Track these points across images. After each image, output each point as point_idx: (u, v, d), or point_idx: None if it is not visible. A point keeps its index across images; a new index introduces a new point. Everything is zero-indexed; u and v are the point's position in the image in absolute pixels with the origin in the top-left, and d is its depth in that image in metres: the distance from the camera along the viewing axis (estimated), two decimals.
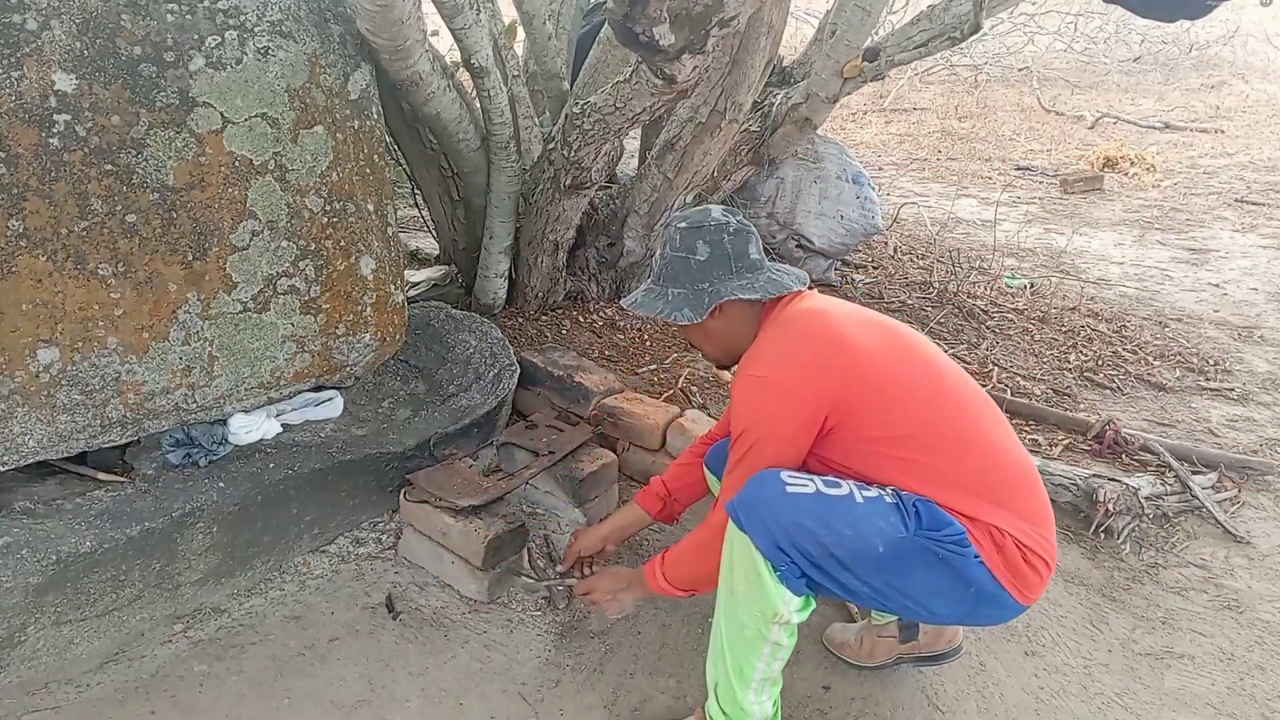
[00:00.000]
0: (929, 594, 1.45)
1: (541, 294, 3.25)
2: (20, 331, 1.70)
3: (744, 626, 1.51)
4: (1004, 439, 1.55)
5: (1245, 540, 2.47)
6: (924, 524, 1.43)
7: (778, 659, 1.53)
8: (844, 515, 1.42)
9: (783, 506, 1.43)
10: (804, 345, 1.54)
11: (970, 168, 7.26)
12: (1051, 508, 1.56)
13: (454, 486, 2.04)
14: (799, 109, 3.32)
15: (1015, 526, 1.45)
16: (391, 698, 1.73)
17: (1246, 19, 11.13)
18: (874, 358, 1.52)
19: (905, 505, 1.45)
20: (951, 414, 1.51)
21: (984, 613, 1.50)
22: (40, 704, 1.62)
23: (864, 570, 1.43)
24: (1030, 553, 1.45)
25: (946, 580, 1.44)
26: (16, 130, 1.65)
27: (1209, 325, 4.14)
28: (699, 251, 1.63)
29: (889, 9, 6.63)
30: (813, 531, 1.42)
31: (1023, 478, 1.52)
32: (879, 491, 1.48)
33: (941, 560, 1.42)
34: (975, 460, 1.49)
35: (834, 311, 1.60)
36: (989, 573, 1.43)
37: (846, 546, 1.41)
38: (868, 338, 1.55)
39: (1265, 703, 1.90)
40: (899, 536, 1.42)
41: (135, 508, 1.80)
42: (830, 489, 1.45)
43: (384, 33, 2.09)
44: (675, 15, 2.06)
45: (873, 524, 1.42)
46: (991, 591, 1.44)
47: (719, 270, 1.62)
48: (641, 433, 2.43)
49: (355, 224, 2.16)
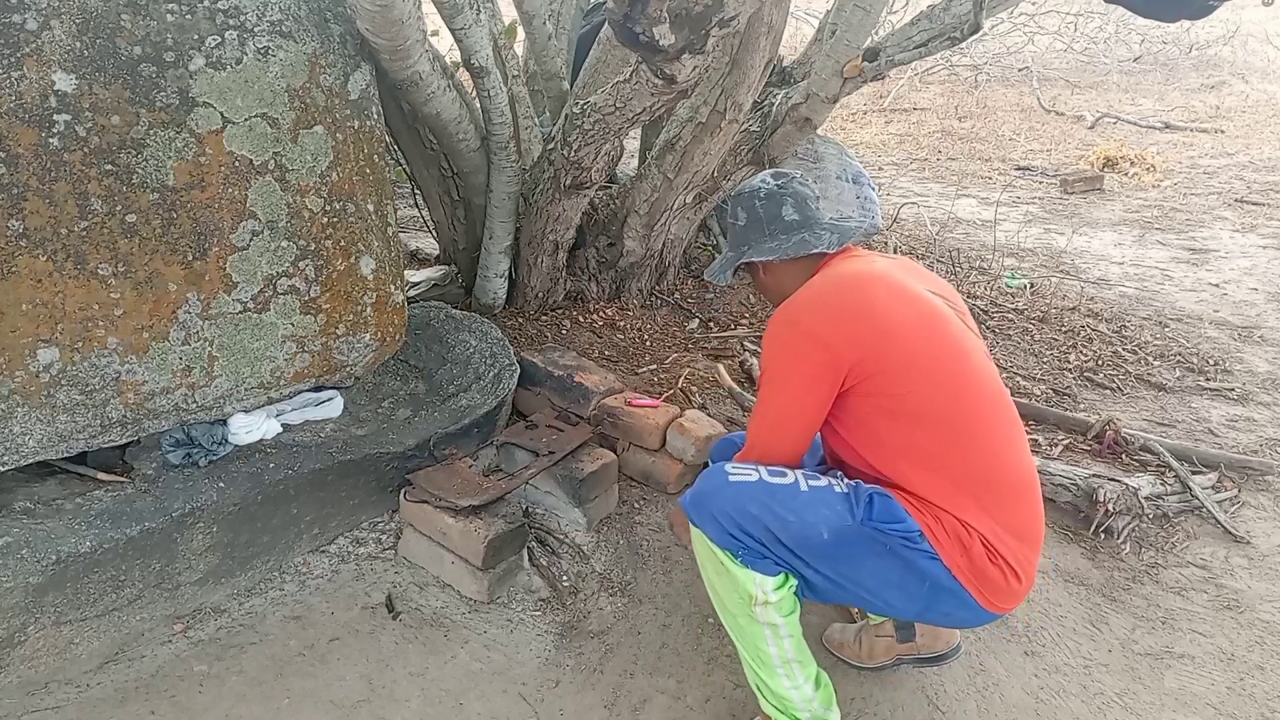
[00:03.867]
0: (881, 585, 1.47)
1: (541, 294, 3.25)
2: (20, 331, 1.70)
3: (735, 616, 1.55)
4: (1010, 445, 1.54)
5: (1245, 540, 2.47)
6: (874, 515, 1.44)
7: (785, 638, 1.53)
8: (787, 502, 1.46)
9: (726, 495, 1.48)
10: (835, 299, 1.57)
11: (970, 168, 7.26)
12: (1043, 527, 1.54)
13: (454, 486, 2.04)
14: (799, 109, 3.31)
15: (989, 529, 1.44)
16: (391, 698, 1.73)
17: (1246, 19, 11.13)
18: (902, 330, 1.51)
19: (857, 495, 1.47)
20: (965, 406, 1.51)
21: (943, 609, 1.49)
22: (40, 704, 1.62)
23: (812, 557, 1.46)
24: (998, 556, 1.44)
25: (896, 572, 1.45)
26: (16, 130, 1.65)
27: (1209, 325, 4.14)
28: (739, 218, 1.78)
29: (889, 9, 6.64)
30: (757, 517, 1.45)
31: (1018, 487, 1.51)
32: (829, 481, 1.50)
33: (890, 551, 1.44)
34: (973, 456, 1.48)
35: (878, 277, 1.59)
36: (945, 569, 1.43)
37: (791, 532, 1.44)
38: (903, 310, 1.53)
39: (1265, 703, 1.90)
40: (844, 524, 1.44)
41: (135, 508, 1.80)
42: (774, 477, 1.49)
43: (384, 33, 2.09)
44: (675, 15, 2.06)
45: (817, 511, 1.45)
46: (948, 587, 1.44)
47: (754, 234, 1.75)
48: (641, 433, 2.43)
49: (355, 224, 2.16)
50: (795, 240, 1.70)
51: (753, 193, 1.76)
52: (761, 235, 1.74)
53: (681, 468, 2.41)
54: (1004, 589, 1.46)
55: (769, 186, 1.75)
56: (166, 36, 1.81)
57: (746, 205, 1.76)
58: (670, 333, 3.36)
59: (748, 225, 1.75)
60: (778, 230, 1.72)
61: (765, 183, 1.76)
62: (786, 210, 1.72)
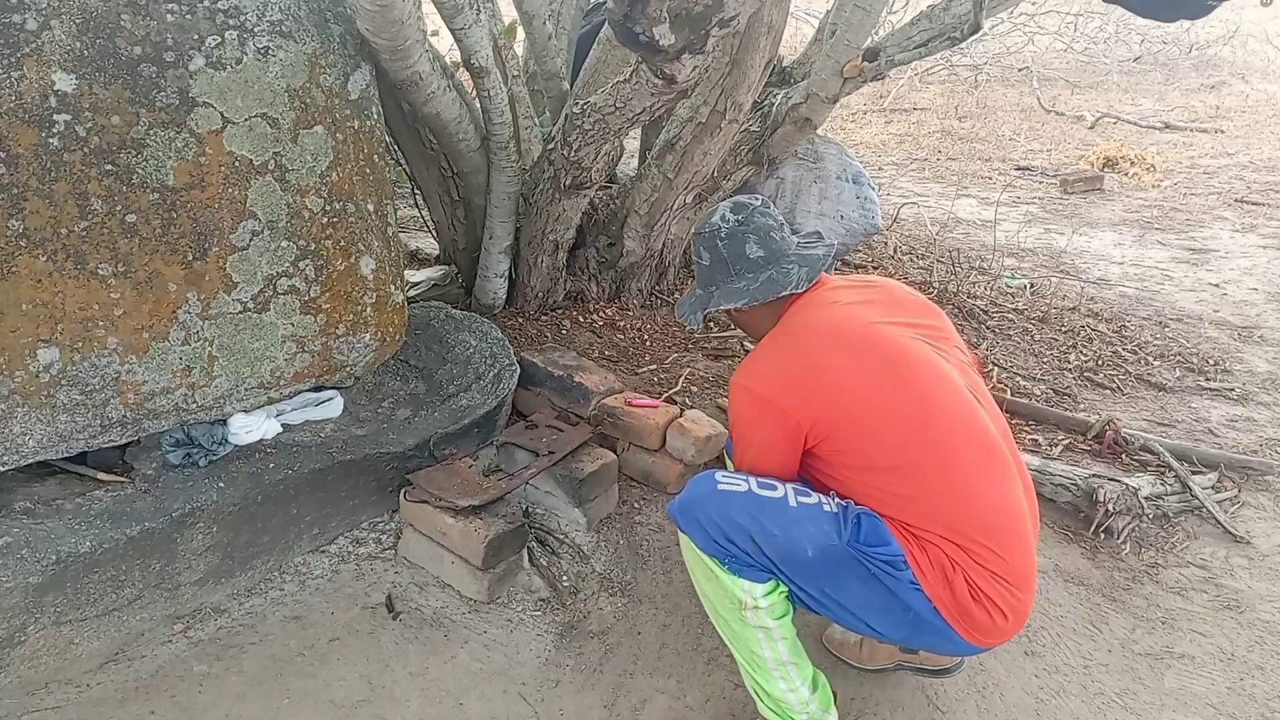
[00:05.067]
0: (865, 608, 1.45)
1: (541, 294, 3.25)
2: (20, 331, 1.70)
3: (728, 621, 1.55)
4: (990, 486, 1.46)
5: (1245, 540, 2.47)
6: (860, 537, 1.42)
7: (778, 640, 1.52)
8: (774, 516, 1.45)
9: (713, 502, 1.48)
10: (791, 364, 1.54)
11: (970, 168, 7.26)
12: (1034, 565, 1.49)
13: (454, 486, 2.04)
14: (799, 109, 3.31)
15: (971, 567, 1.41)
16: (391, 698, 1.73)
17: (1246, 19, 11.12)
18: (856, 388, 1.47)
19: (846, 516, 1.45)
20: (934, 453, 1.45)
21: (924, 640, 1.49)
22: (40, 704, 1.62)
23: (795, 574, 1.45)
24: (982, 594, 1.41)
25: (880, 598, 1.43)
26: (16, 130, 1.65)
27: (1209, 325, 4.14)
28: (704, 257, 1.73)
29: (889, 9, 6.63)
30: (744, 527, 1.44)
31: (1001, 530, 1.44)
32: (820, 498, 1.48)
33: (873, 576, 1.42)
34: (951, 503, 1.43)
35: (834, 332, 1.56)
36: (928, 602, 1.41)
37: (776, 547, 1.43)
38: (859, 365, 1.49)
39: (1265, 703, 1.90)
40: (829, 544, 1.42)
41: (135, 508, 1.80)
42: (764, 490, 1.48)
43: (384, 33, 2.09)
44: (675, 15, 2.06)
45: (803, 528, 1.43)
46: (929, 621, 1.42)
47: (720, 274, 1.70)
48: (641, 433, 2.43)
49: (355, 224, 2.16)
50: (764, 280, 1.64)
51: (713, 232, 1.68)
52: (727, 275, 1.67)
53: (682, 468, 2.41)
54: (988, 626, 1.43)
55: (729, 225, 1.67)
56: (166, 36, 1.81)
57: (708, 245, 1.69)
58: (670, 333, 3.36)
59: (712, 265, 1.69)
60: (744, 270, 1.66)
61: (725, 220, 1.68)
62: (750, 248, 1.65)
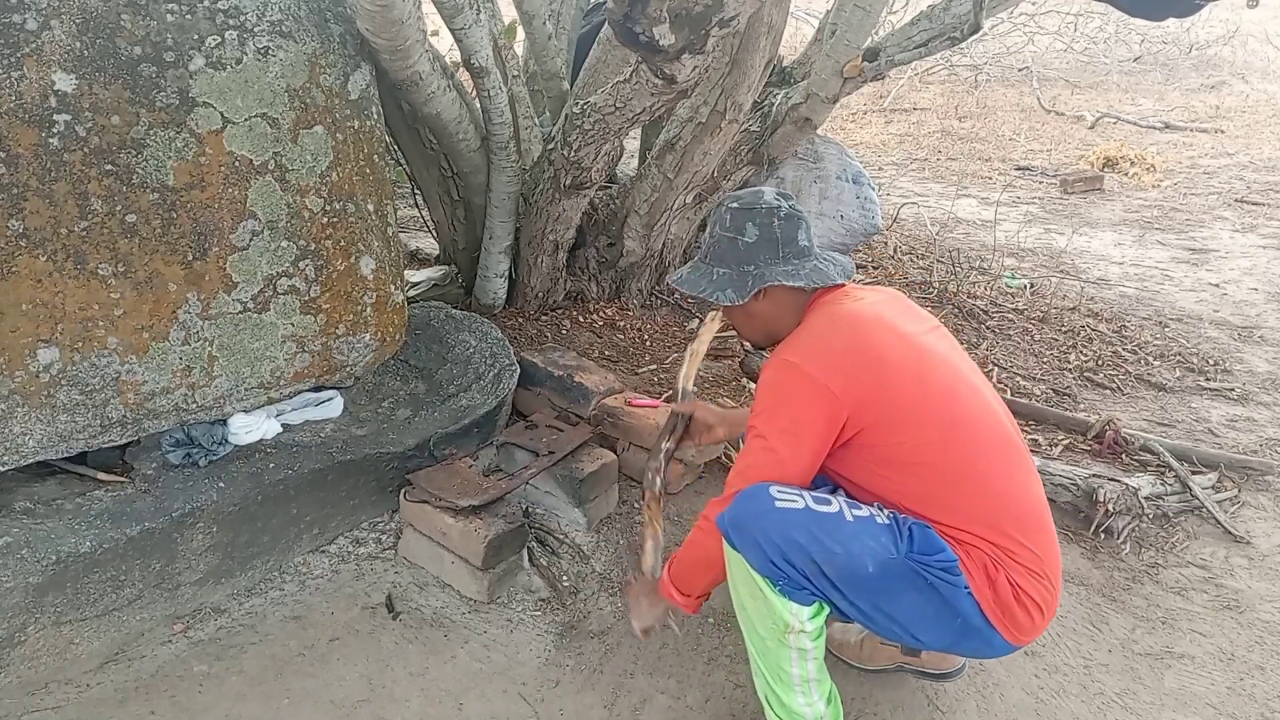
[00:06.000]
0: (915, 619, 1.44)
1: (541, 294, 3.25)
2: (20, 331, 1.70)
3: (764, 639, 1.50)
4: (1014, 482, 1.50)
5: (1245, 540, 2.47)
6: (915, 547, 1.41)
7: (809, 660, 1.51)
8: (834, 532, 1.41)
9: (772, 521, 1.42)
10: (840, 344, 1.52)
11: (970, 168, 7.26)
12: (1059, 560, 1.51)
13: (454, 486, 2.04)
14: (799, 109, 3.31)
15: (1012, 565, 1.43)
16: (391, 698, 1.73)
17: (1246, 19, 11.12)
18: (899, 376, 1.48)
19: (899, 527, 1.44)
20: (963, 449, 1.47)
21: (968, 646, 1.48)
22: (40, 704, 1.62)
23: (853, 590, 1.42)
24: (1023, 593, 1.43)
25: (933, 607, 1.42)
26: (16, 130, 1.65)
27: (1209, 325, 4.14)
28: (747, 233, 1.61)
29: (889, 9, 6.63)
30: (804, 547, 1.40)
31: (1030, 524, 1.47)
32: (871, 511, 1.46)
33: (930, 586, 1.41)
34: (979, 498, 1.46)
35: (875, 318, 1.56)
36: (977, 606, 1.42)
37: (837, 564, 1.40)
38: (900, 354, 1.51)
39: (1265, 703, 1.90)
40: (889, 558, 1.40)
41: (135, 508, 1.80)
42: (820, 505, 1.44)
43: (384, 33, 2.09)
44: (675, 15, 2.06)
45: (863, 543, 1.40)
46: (977, 625, 1.43)
47: (766, 254, 1.60)
48: (641, 433, 2.43)
49: (355, 224, 2.16)
50: (809, 268, 1.60)
51: (771, 209, 1.60)
52: (774, 256, 1.59)
53: (682, 468, 2.41)
54: (1027, 625, 1.44)
55: (786, 206, 1.62)
56: (166, 36, 1.81)
57: (761, 221, 1.60)
58: (670, 333, 3.36)
59: (757, 244, 1.60)
60: (791, 254, 1.60)
61: (780, 202, 1.62)
62: (802, 235, 1.61)
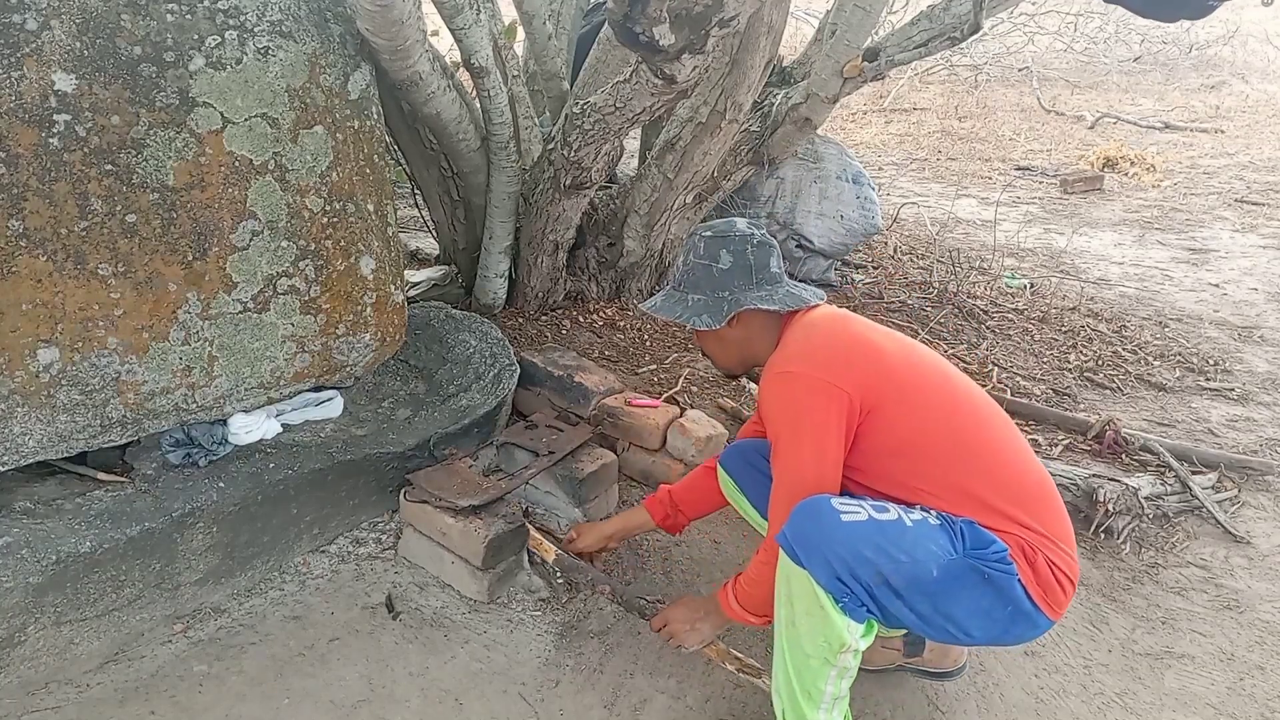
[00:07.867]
0: (971, 616, 1.44)
1: (541, 294, 3.25)
2: (20, 331, 1.70)
3: (809, 656, 1.48)
4: (1021, 452, 1.55)
5: (1245, 540, 2.47)
6: (969, 544, 1.42)
7: (845, 679, 1.50)
8: (898, 541, 1.41)
9: (840, 537, 1.41)
10: (830, 343, 1.58)
11: (970, 168, 7.26)
12: (1070, 520, 1.55)
13: (454, 486, 2.04)
14: (799, 109, 3.32)
15: (1044, 543, 1.45)
16: (391, 698, 1.73)
17: (1246, 19, 11.12)
18: (893, 361, 1.56)
19: (951, 526, 1.45)
20: (972, 426, 1.53)
21: (1015, 632, 1.49)
22: (40, 704, 1.62)
23: (915, 597, 1.42)
24: (1058, 569, 1.45)
25: (988, 601, 1.43)
26: (16, 130, 1.65)
27: (1209, 325, 4.15)
28: (721, 260, 1.66)
29: (889, 9, 6.63)
30: (872, 561, 1.40)
31: (1040, 495, 1.52)
32: (922, 514, 1.47)
33: (987, 580, 1.42)
34: (999, 475, 1.49)
35: (850, 316, 1.68)
36: (1024, 590, 1.43)
37: (904, 574, 1.40)
38: (888, 343, 1.60)
39: (1265, 703, 1.90)
40: (950, 559, 1.41)
41: (135, 508, 1.80)
42: (880, 514, 1.44)
43: (384, 33, 2.09)
44: (675, 15, 2.06)
45: (926, 548, 1.41)
46: (1026, 610, 1.44)
47: (740, 280, 1.66)
48: (641, 433, 2.43)
49: (355, 224, 2.16)
50: (783, 293, 1.66)
51: (744, 237, 1.67)
52: (747, 283, 1.65)
53: (682, 468, 2.41)
54: (1061, 599, 1.47)
55: (759, 234, 1.68)
56: (166, 36, 1.81)
57: (735, 249, 1.66)
58: (670, 333, 3.36)
59: (731, 270, 1.65)
60: (764, 280, 1.66)
61: (753, 230, 1.69)
62: (774, 262, 1.68)
